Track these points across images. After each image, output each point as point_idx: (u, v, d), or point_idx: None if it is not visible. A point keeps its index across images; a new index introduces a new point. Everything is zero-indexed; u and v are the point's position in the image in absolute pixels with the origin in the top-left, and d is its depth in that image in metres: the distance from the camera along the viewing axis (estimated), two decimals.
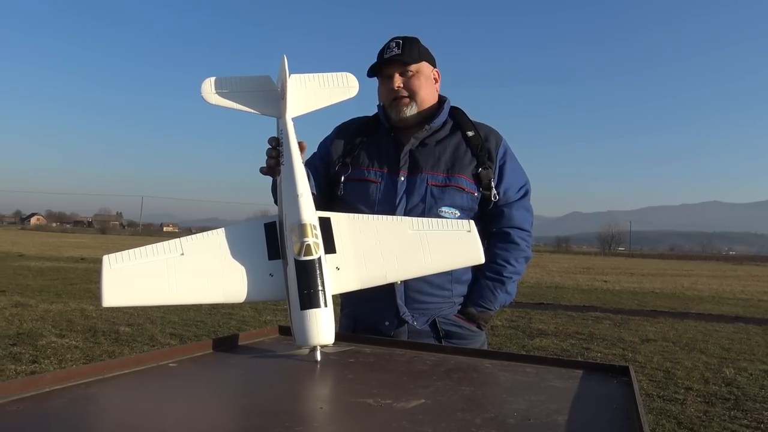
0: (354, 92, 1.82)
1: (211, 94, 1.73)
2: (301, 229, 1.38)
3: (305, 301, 1.33)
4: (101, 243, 41.20)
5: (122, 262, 1.36)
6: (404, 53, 1.95)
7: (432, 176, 1.93)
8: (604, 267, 35.41)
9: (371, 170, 1.98)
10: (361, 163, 2.00)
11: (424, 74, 1.99)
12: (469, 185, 1.93)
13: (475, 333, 1.97)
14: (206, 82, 1.74)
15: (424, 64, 2.00)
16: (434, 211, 1.89)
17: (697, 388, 5.58)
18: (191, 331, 7.61)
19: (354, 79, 1.84)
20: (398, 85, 1.96)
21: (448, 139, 1.99)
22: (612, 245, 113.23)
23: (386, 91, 2.00)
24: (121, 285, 1.34)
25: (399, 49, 1.95)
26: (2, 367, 5.42)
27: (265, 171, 1.69)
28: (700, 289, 19.26)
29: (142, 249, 1.39)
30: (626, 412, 1.06)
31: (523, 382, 1.25)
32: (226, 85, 1.74)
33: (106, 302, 1.33)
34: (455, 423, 0.95)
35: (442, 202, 1.91)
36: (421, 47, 2.00)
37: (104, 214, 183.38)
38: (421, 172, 1.93)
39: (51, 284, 12.83)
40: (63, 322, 7.86)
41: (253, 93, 1.77)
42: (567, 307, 12.10)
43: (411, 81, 1.97)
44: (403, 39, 1.98)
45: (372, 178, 1.97)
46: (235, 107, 1.73)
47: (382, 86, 2.03)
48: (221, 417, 0.98)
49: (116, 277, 1.34)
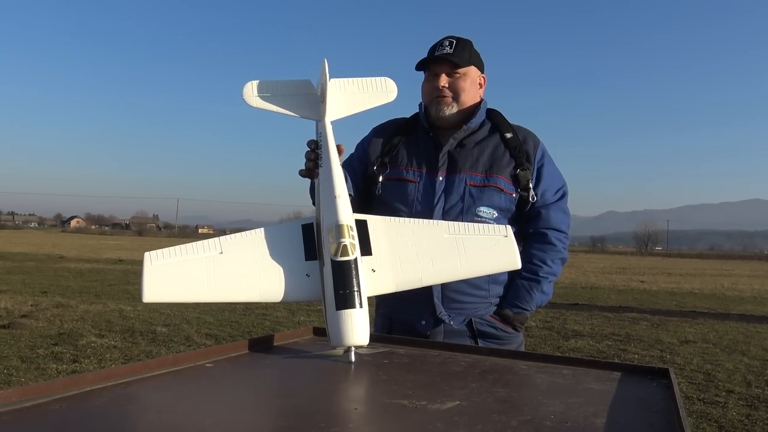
0: (393, 97, 1.84)
1: (252, 97, 1.76)
2: (338, 229, 1.39)
3: (341, 301, 1.33)
4: (138, 245, 41.96)
5: (163, 259, 1.39)
6: (455, 54, 1.95)
7: (470, 176, 1.93)
8: (640, 267, 34.79)
9: (410, 170, 1.99)
10: (400, 162, 2.01)
11: (471, 78, 2.00)
12: (507, 186, 1.94)
13: (511, 334, 1.96)
14: (248, 85, 1.77)
15: (472, 68, 2.00)
16: (472, 211, 1.90)
17: (738, 391, 5.44)
18: (226, 332, 7.71)
19: (393, 83, 1.85)
20: (443, 84, 1.97)
21: (486, 141, 1.99)
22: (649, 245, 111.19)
23: (430, 88, 2.00)
24: (161, 281, 1.37)
25: (451, 49, 1.96)
26: (44, 366, 5.56)
27: (304, 173, 1.71)
28: (741, 290, 18.76)
29: (182, 247, 1.41)
30: (666, 416, 1.03)
31: (560, 384, 1.24)
32: (267, 88, 1.78)
33: (146, 298, 1.35)
34: (491, 425, 0.94)
35: (481, 202, 1.91)
36: (473, 51, 2.00)
37: (141, 216, 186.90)
38: (460, 172, 1.94)
39: (90, 285, 13.12)
40: (102, 323, 8.04)
41: (294, 96, 1.80)
42: (603, 308, 11.91)
43: (457, 82, 1.97)
44: (457, 39, 1.98)
45: (410, 177, 1.98)
46: (276, 110, 1.76)
47: (426, 83, 2.03)
48: (258, 417, 0.99)
49: (157, 274, 1.37)
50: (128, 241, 55.91)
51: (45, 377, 5.18)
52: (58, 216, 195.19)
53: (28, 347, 6.35)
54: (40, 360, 5.83)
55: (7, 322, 7.72)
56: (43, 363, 5.70)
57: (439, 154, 1.97)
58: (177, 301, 1.42)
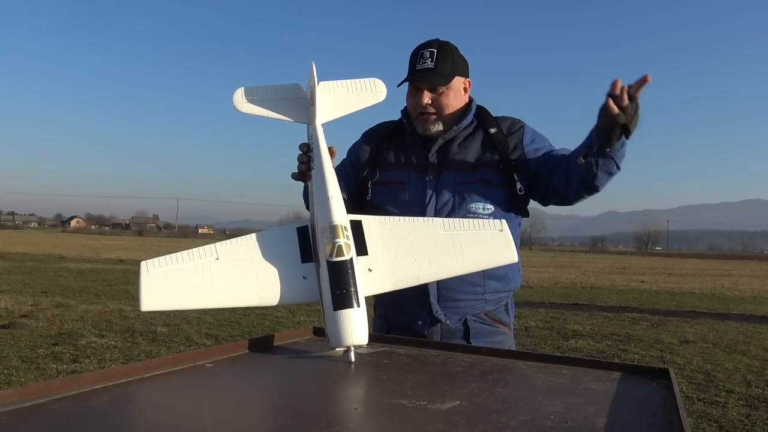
0: (382, 97, 1.85)
1: (242, 104, 1.78)
2: (333, 230, 1.39)
3: (338, 301, 1.33)
4: (139, 245, 41.99)
5: (159, 267, 1.39)
6: (437, 70, 1.90)
7: (459, 174, 1.93)
8: (640, 267, 34.80)
9: (399, 172, 1.99)
10: (389, 166, 2.01)
11: (454, 90, 1.96)
12: (496, 178, 1.93)
13: (502, 332, 1.96)
14: (237, 92, 1.79)
15: (456, 79, 1.95)
16: (464, 207, 1.90)
17: (738, 391, 5.44)
18: (226, 332, 7.71)
19: (382, 84, 1.86)
20: (426, 102, 1.94)
21: (472, 138, 1.99)
22: (649, 245, 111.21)
23: (414, 104, 1.98)
24: (158, 290, 1.37)
25: (432, 62, 1.91)
26: (44, 366, 5.57)
27: (296, 176, 1.72)
28: (741, 290, 18.76)
29: (178, 254, 1.42)
30: (666, 416, 1.03)
31: (560, 384, 1.24)
32: (257, 94, 1.79)
33: (144, 306, 1.36)
34: (491, 425, 0.94)
35: (472, 198, 1.91)
36: (455, 57, 1.95)
37: (141, 216, 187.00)
38: (449, 171, 1.94)
39: (90, 285, 13.13)
40: (102, 323, 8.04)
41: (283, 101, 1.81)
42: (603, 308, 11.91)
43: (440, 98, 1.94)
44: (438, 48, 1.93)
45: (400, 179, 1.98)
46: (267, 115, 1.77)
47: (410, 95, 2.00)
48: (258, 417, 0.99)
49: (154, 282, 1.37)
50: (128, 241, 55.95)
51: (45, 377, 5.18)
52: (58, 216, 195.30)
53: (28, 347, 6.35)
54: (40, 360, 5.83)
55: (7, 322, 7.72)
56: (43, 363, 5.71)
57: (428, 155, 1.97)
58: (176, 309, 1.43)
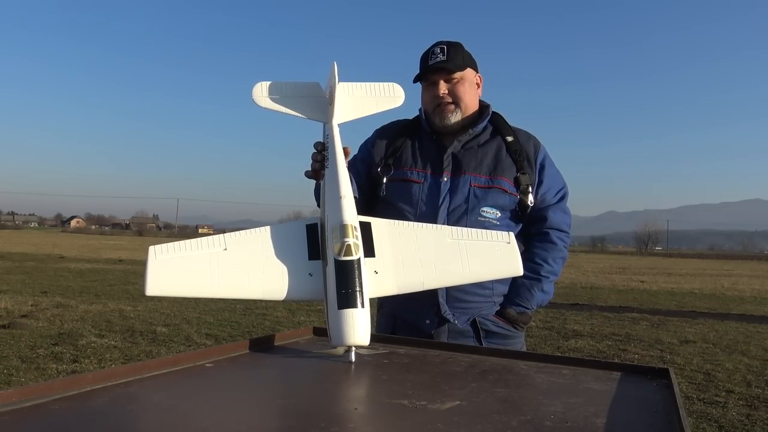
0: (400, 102, 1.88)
1: (262, 98, 1.79)
2: (343, 229, 1.40)
3: (342, 300, 1.34)
4: (139, 245, 41.96)
5: (167, 253, 1.40)
6: (449, 60, 1.96)
7: (475, 178, 1.96)
8: (640, 267, 34.79)
9: (414, 171, 2.01)
10: (404, 164, 2.02)
11: (468, 80, 2.01)
12: (510, 188, 1.96)
13: (515, 333, 1.97)
14: (257, 86, 1.80)
15: (468, 70, 2.01)
16: (476, 211, 1.92)
17: (738, 391, 5.44)
18: (226, 332, 7.71)
19: (400, 89, 1.89)
20: (443, 92, 1.98)
21: (489, 143, 2.02)
22: (649, 245, 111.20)
23: (430, 98, 2.01)
24: (164, 275, 1.37)
25: (444, 55, 1.96)
26: (44, 366, 5.57)
27: (310, 174, 1.73)
28: (741, 290, 18.76)
29: (186, 242, 1.42)
30: (666, 416, 1.03)
31: (560, 384, 1.24)
32: (277, 90, 1.81)
33: (149, 291, 1.36)
34: (491, 425, 0.94)
35: (485, 202, 1.94)
36: (465, 53, 2.01)
37: (141, 216, 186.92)
38: (464, 174, 1.96)
39: (90, 285, 13.14)
40: (102, 323, 8.04)
41: (303, 98, 1.82)
42: (603, 308, 11.91)
43: (456, 87, 1.99)
44: (447, 44, 1.99)
45: (415, 178, 1.99)
46: (285, 111, 1.78)
47: (426, 92, 2.04)
48: (258, 417, 0.99)
49: (161, 268, 1.38)
50: (128, 241, 55.93)
51: (45, 377, 5.18)
52: (58, 216, 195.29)
53: (28, 347, 6.35)
54: (40, 360, 5.83)
55: (7, 322, 7.72)
56: (43, 363, 5.70)
57: (444, 156, 1.99)
58: (180, 296, 1.42)
